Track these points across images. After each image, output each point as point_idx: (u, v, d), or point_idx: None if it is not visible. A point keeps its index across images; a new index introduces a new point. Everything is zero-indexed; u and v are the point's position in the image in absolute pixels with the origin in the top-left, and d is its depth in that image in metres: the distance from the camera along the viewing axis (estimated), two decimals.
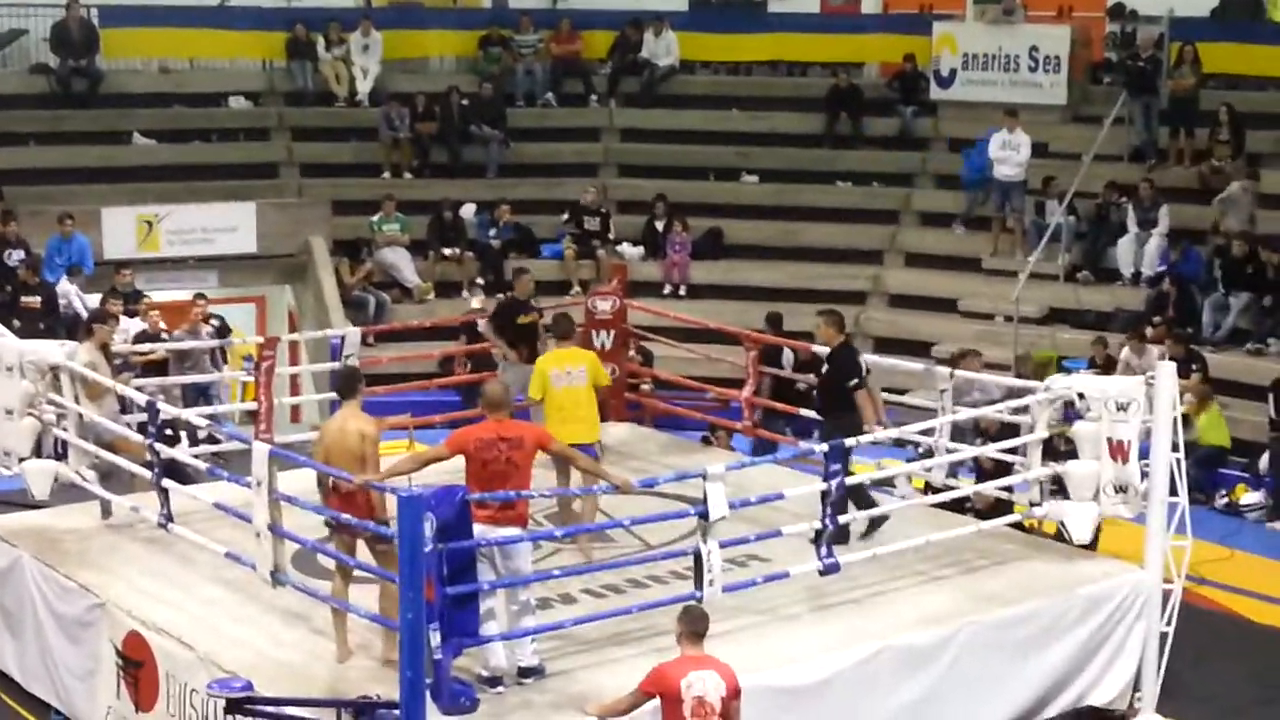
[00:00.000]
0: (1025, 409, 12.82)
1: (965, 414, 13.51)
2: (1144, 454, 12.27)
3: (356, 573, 10.51)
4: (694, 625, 9.40)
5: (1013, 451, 12.94)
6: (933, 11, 27.74)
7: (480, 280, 23.40)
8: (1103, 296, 22.11)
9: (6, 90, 25.33)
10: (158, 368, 17.34)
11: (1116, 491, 12.29)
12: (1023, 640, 11.56)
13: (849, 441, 11.61)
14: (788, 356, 17.44)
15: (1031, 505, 12.74)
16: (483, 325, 16.09)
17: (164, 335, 18.33)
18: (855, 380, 12.92)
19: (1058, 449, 12.75)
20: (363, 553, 10.46)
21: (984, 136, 23.68)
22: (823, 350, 13.93)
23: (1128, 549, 12.74)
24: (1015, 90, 25.12)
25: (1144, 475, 12.25)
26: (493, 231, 24.40)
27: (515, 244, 24.46)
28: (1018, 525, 13.17)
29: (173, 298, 21.40)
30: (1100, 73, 26.18)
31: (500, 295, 19.29)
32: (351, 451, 10.27)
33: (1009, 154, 23.26)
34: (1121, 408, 12.24)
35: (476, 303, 21.41)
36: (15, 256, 21.07)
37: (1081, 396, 12.41)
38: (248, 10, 27.13)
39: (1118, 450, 12.24)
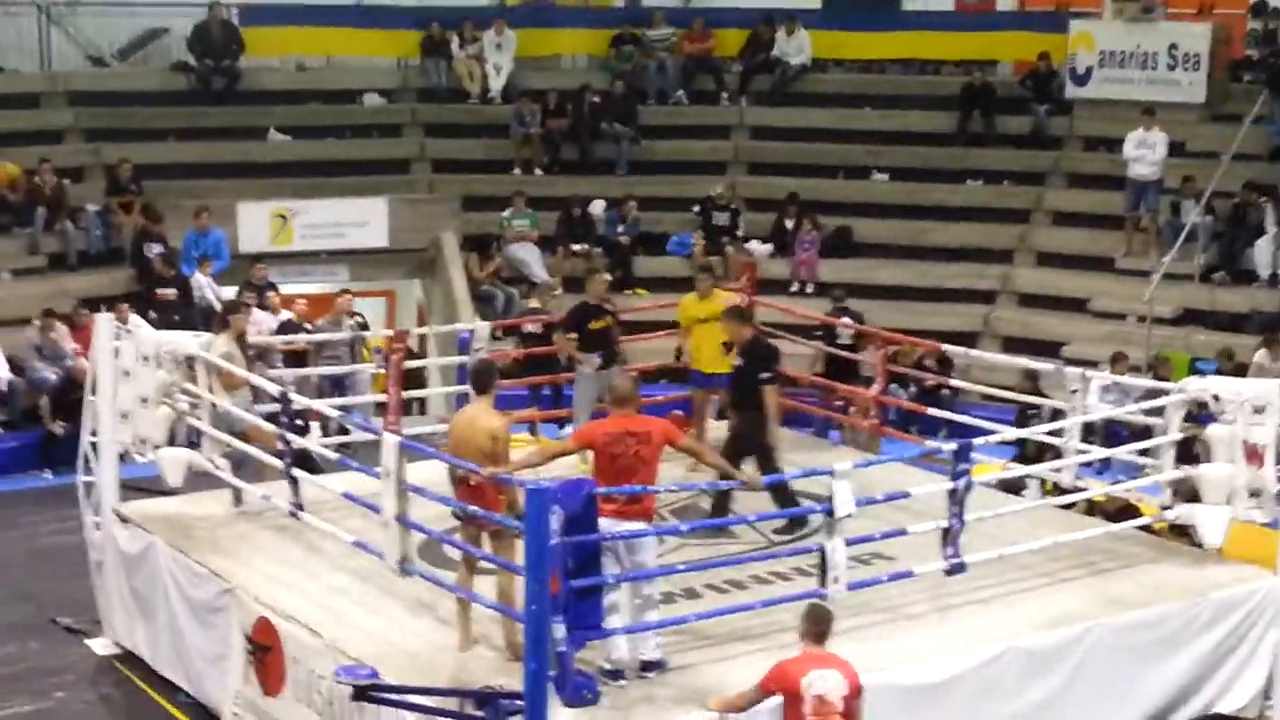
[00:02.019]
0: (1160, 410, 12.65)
1: (1097, 414, 13.34)
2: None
3: (482, 564, 10.56)
4: (817, 623, 9.34)
5: (1145, 454, 12.77)
6: (1069, 9, 27.41)
7: (608, 276, 23.34)
8: (1239, 298, 21.76)
9: (147, 87, 25.82)
10: (299, 358, 17.59)
11: (1251, 496, 12.07)
12: (1150, 645, 11.39)
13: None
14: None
15: (1162, 508, 12.56)
16: (556, 337, 15.63)
17: (307, 326, 18.67)
18: (767, 374, 12.84)
19: (1193, 452, 12.54)
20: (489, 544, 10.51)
21: None
22: (956, 350, 13.80)
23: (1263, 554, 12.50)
24: (1153, 88, 24.78)
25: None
26: (621, 227, 24.47)
27: (643, 240, 24.51)
28: (1146, 528, 12.99)
29: (307, 290, 21.78)
30: (1241, 70, 25.75)
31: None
32: (480, 448, 10.25)
33: (1144, 153, 23.01)
34: (1258, 410, 12.02)
35: (534, 302, 21.37)
36: (154, 249, 21.50)
37: (1216, 399, 12.20)
38: (384, 9, 27.50)
39: (1253, 454, 12.01)
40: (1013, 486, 13.92)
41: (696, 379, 14.76)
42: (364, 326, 19.56)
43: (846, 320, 17.94)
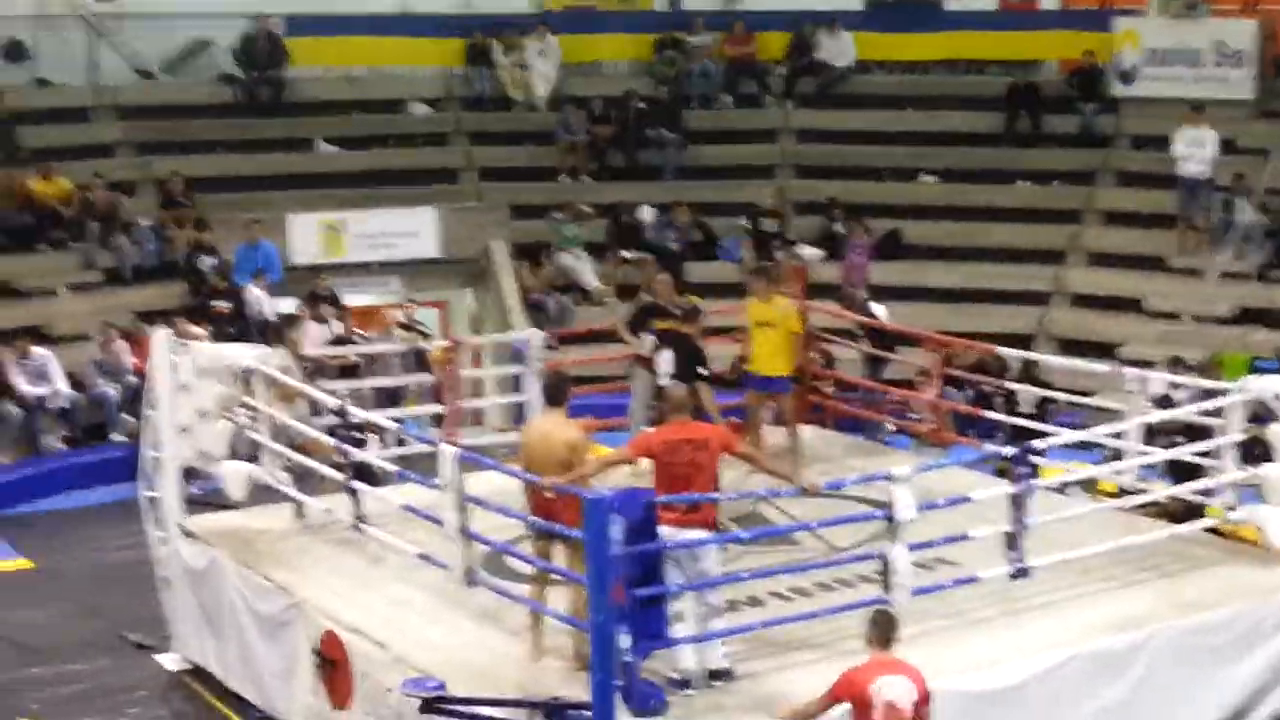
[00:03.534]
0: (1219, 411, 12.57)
1: (1152, 416, 13.28)
2: None
3: (554, 576, 10.56)
4: (883, 629, 9.29)
5: (1207, 454, 12.69)
6: (1113, 7, 27.31)
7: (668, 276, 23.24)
8: None
9: (195, 99, 25.93)
10: (354, 370, 17.66)
11: None
12: (1219, 647, 11.29)
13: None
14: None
15: (1227, 509, 12.48)
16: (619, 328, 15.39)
17: (356, 339, 18.74)
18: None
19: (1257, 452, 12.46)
20: (561, 557, 10.49)
21: None
22: (1010, 353, 13.75)
23: None
24: (1200, 85, 24.72)
25: None
26: (671, 234, 24.45)
27: (695, 246, 24.50)
28: (1213, 529, 12.91)
29: (363, 301, 21.84)
30: None
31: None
32: (559, 459, 10.23)
33: (1194, 150, 22.90)
34: None
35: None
36: (208, 262, 21.61)
37: (1278, 397, 12.13)
38: (428, 18, 27.46)
39: None
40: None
41: (753, 382, 14.75)
42: (426, 337, 19.65)
43: (878, 317, 17.90)
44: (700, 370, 13.62)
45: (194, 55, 26.98)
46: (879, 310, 18.28)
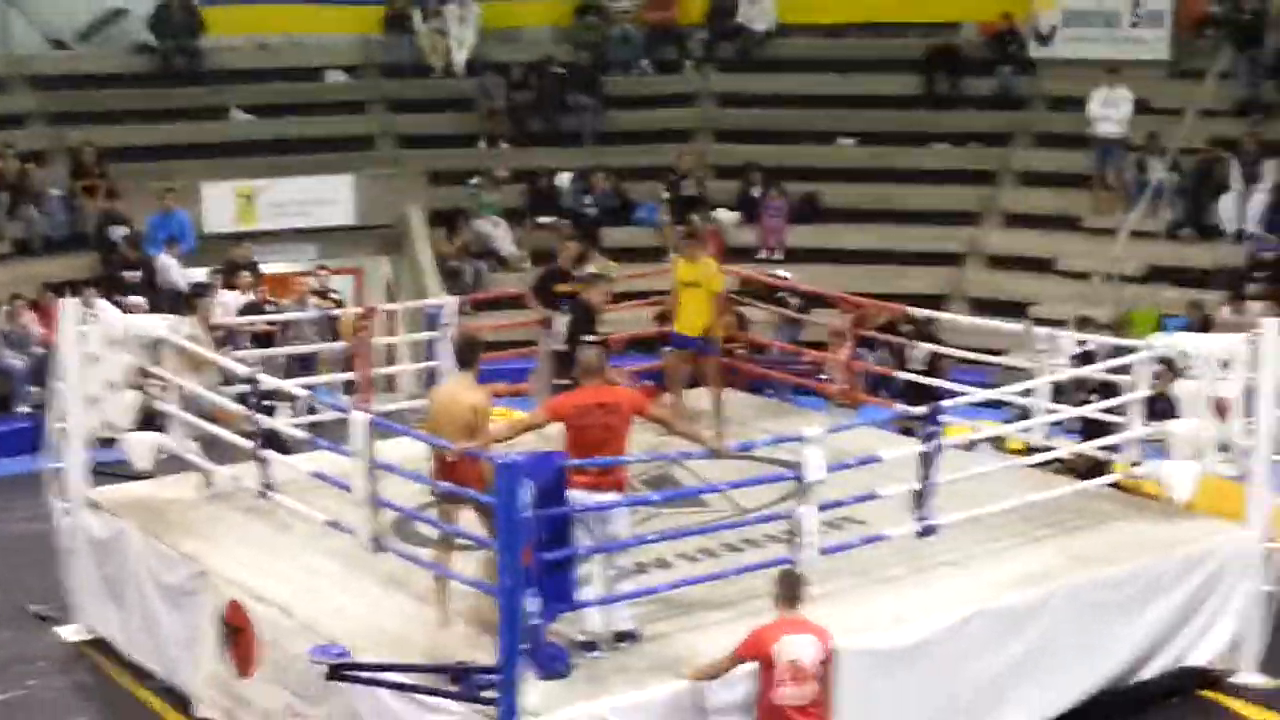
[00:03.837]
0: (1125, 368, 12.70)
1: (1062, 374, 13.38)
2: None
3: (459, 540, 10.54)
4: (790, 588, 9.37)
5: (1114, 411, 12.80)
6: None
7: (575, 244, 23.25)
8: (1205, 254, 21.83)
9: (109, 69, 25.68)
10: (267, 338, 17.57)
11: (1219, 450, 12.13)
12: (1121, 601, 11.41)
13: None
14: None
15: (1131, 465, 12.60)
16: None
17: (267, 307, 18.60)
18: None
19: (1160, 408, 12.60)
20: (465, 521, 10.48)
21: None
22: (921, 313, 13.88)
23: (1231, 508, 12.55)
24: (1117, 46, 24.89)
25: (1247, 433, 12.06)
26: (588, 199, 24.41)
27: (611, 211, 24.47)
28: (1117, 485, 13.04)
29: (279, 269, 21.71)
30: (1205, 27, 25.79)
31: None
32: (461, 422, 10.21)
33: (1109, 111, 23.08)
34: (1224, 365, 12.08)
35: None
36: (119, 232, 21.41)
37: (1184, 355, 12.25)
38: None
39: (1220, 408, 12.06)
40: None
41: (676, 341, 14.78)
42: (339, 304, 19.54)
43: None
44: (588, 336, 13.52)
45: (108, 24, 26.69)
46: (784, 274, 18.35)
